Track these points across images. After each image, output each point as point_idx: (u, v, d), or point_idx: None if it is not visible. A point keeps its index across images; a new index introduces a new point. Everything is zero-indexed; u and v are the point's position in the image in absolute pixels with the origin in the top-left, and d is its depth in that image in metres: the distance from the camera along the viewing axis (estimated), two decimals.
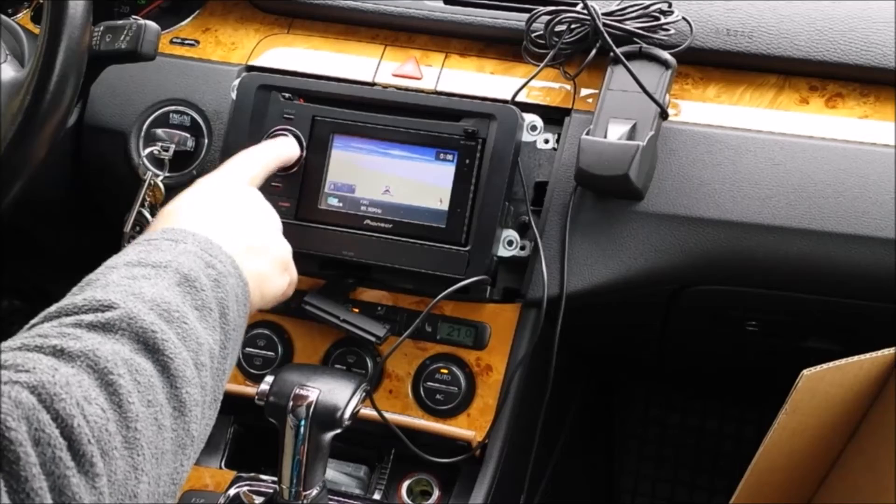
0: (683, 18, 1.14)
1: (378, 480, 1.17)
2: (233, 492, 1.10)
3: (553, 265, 1.12)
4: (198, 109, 1.23)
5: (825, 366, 1.05)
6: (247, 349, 1.17)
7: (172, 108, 1.23)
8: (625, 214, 1.13)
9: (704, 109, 1.16)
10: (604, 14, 1.12)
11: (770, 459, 1.14)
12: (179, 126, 1.22)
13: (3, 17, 1.14)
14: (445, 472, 1.16)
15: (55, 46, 0.90)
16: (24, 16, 1.32)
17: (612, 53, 1.11)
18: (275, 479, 1.04)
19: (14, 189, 0.94)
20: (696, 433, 1.93)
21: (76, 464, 0.58)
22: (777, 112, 1.15)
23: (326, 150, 1.13)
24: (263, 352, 1.17)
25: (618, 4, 1.15)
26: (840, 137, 1.12)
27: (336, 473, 1.17)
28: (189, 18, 1.31)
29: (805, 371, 1.04)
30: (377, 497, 1.15)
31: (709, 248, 1.12)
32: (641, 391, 1.96)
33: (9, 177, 0.93)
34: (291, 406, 0.94)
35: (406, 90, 1.19)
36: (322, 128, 1.13)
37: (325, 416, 0.94)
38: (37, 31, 1.09)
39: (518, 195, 1.13)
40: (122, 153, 1.23)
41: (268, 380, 0.97)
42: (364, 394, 0.98)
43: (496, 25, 1.21)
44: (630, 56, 1.11)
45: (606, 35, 1.11)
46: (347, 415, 0.94)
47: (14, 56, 1.07)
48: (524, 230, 1.14)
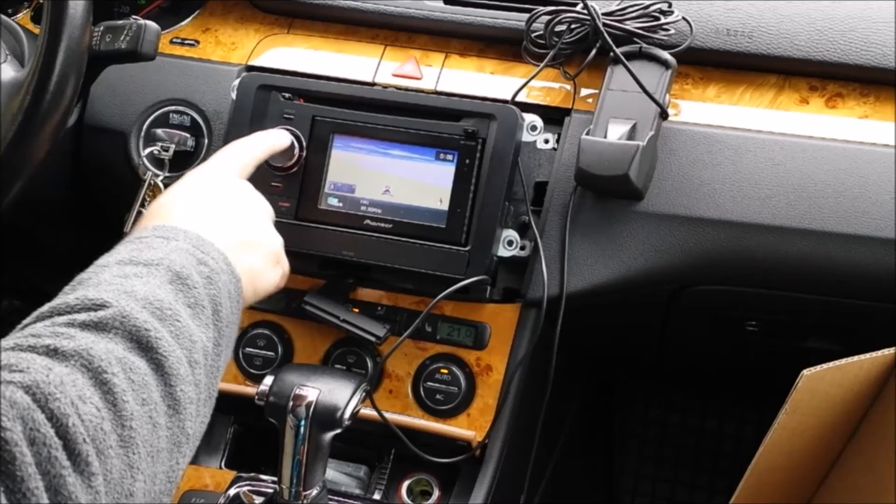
0: (683, 18, 1.14)
1: (378, 480, 1.17)
2: (233, 492, 1.10)
3: (553, 265, 1.12)
4: (198, 109, 1.23)
5: (825, 366, 1.05)
6: (247, 349, 1.17)
7: (172, 108, 1.23)
8: (625, 214, 1.13)
9: (704, 109, 1.16)
10: (604, 14, 1.12)
11: (770, 459, 1.14)
12: (179, 126, 1.22)
13: (3, 17, 1.14)
14: (445, 472, 1.16)
15: (55, 46, 0.90)
16: (24, 16, 1.32)
17: (612, 53, 1.11)
18: (275, 479, 1.04)
19: (14, 189, 0.94)
20: (696, 433, 1.92)
21: (72, 463, 0.58)
22: (777, 112, 1.15)
23: (326, 150, 1.13)
24: (263, 352, 1.17)
25: (618, 4, 1.15)
26: (840, 137, 1.12)
27: (336, 473, 1.17)
28: (189, 18, 1.31)
29: (805, 371, 1.04)
30: (377, 497, 1.15)
31: (709, 248, 1.12)
32: (641, 391, 1.96)
33: (9, 177, 0.93)
34: (291, 406, 0.94)
35: (406, 90, 1.19)
36: (322, 128, 1.13)
37: (325, 416, 0.94)
38: (37, 31, 1.09)
39: (518, 195, 1.13)
40: (122, 153, 1.23)
41: (268, 380, 0.97)
42: (364, 394, 0.98)
43: (496, 25, 1.21)
44: (630, 56, 1.11)
45: (606, 35, 1.11)
46: (347, 415, 0.94)
47: (14, 56, 1.07)
48: (524, 230, 1.14)
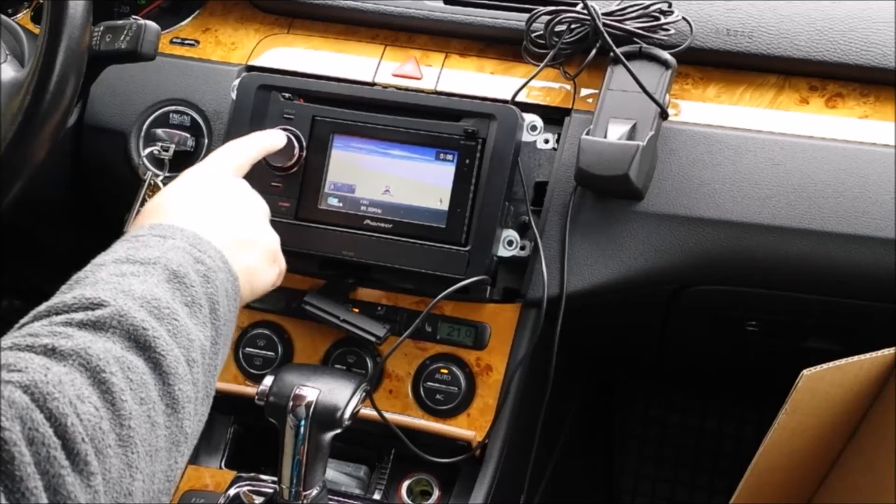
0: (683, 18, 1.14)
1: (378, 480, 1.17)
2: (233, 492, 1.10)
3: (553, 265, 1.12)
4: (198, 109, 1.23)
5: (825, 366, 1.05)
6: (247, 349, 1.17)
7: (172, 108, 1.23)
8: (625, 214, 1.13)
9: (704, 109, 1.16)
10: (604, 14, 1.12)
11: (770, 459, 1.14)
12: (179, 126, 1.22)
13: (3, 17, 1.14)
14: (445, 472, 1.16)
15: (55, 46, 0.90)
16: (24, 16, 1.32)
17: (612, 53, 1.11)
18: (275, 479, 1.04)
19: (14, 189, 0.94)
20: (696, 433, 1.92)
21: (70, 463, 0.58)
22: (777, 112, 1.15)
23: (326, 150, 1.13)
24: (263, 352, 1.17)
25: (618, 4, 1.15)
26: (840, 137, 1.12)
27: (336, 473, 1.17)
28: (189, 18, 1.31)
29: (805, 371, 1.04)
30: (377, 497, 1.15)
31: (709, 248, 1.12)
32: (641, 391, 1.96)
33: (9, 177, 0.93)
34: (291, 406, 0.94)
35: (406, 90, 1.19)
36: (322, 128, 1.13)
37: (325, 416, 0.94)
38: (37, 31, 1.09)
39: (518, 195, 1.13)
40: (122, 153, 1.23)
41: (267, 380, 0.97)
42: (364, 394, 0.98)
43: (496, 25, 1.21)
44: (630, 56, 1.11)
45: (606, 35, 1.11)
46: (347, 415, 0.94)
47: (14, 56, 1.07)
48: (524, 230, 1.14)
